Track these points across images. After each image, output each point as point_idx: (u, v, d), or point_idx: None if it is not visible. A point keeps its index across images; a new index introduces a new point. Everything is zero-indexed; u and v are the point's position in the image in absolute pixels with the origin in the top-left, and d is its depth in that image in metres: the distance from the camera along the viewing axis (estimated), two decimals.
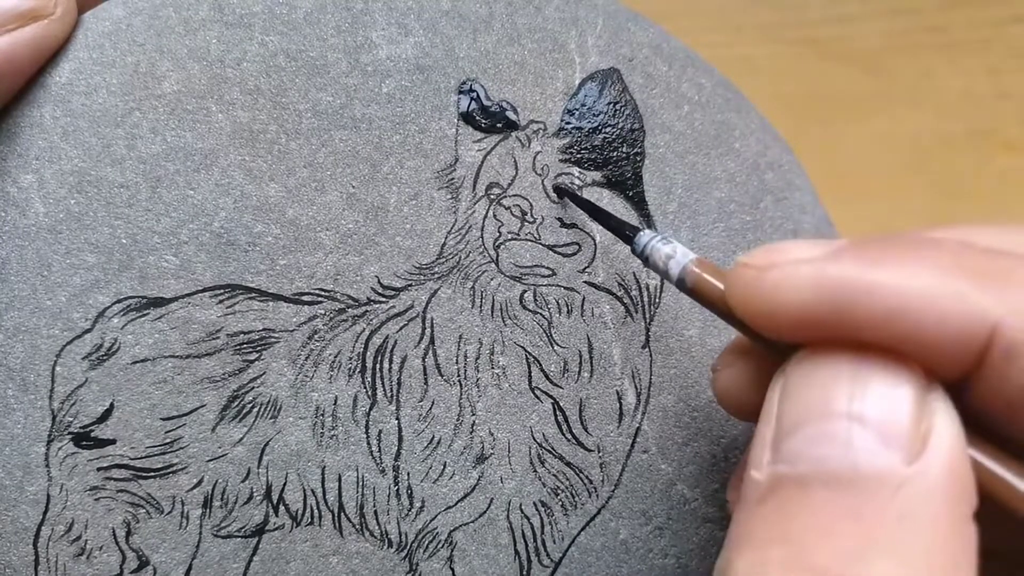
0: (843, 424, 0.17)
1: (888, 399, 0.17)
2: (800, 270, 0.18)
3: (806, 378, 0.18)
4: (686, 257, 0.23)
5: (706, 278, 0.22)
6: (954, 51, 0.51)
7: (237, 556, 0.26)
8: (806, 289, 0.18)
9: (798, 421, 0.18)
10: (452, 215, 0.27)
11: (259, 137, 0.26)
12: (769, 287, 0.19)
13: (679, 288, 0.23)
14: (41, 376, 0.25)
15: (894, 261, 0.18)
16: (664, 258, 0.23)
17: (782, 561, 0.17)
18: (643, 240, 0.24)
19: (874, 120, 0.50)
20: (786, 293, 0.18)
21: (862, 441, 0.17)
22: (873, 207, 0.48)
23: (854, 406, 0.17)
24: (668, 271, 0.23)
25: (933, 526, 0.16)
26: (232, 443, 0.26)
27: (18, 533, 0.25)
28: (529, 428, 0.27)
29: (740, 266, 0.20)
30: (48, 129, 0.26)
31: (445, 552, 0.26)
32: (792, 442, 0.18)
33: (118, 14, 0.27)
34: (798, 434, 0.18)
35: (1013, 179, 0.50)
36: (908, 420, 0.17)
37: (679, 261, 0.23)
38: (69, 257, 0.25)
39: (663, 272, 0.23)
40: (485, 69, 0.28)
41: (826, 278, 0.18)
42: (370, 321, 0.27)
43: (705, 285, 0.22)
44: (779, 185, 0.30)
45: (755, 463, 0.18)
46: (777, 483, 0.18)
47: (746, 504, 0.18)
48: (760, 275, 0.19)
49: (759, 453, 0.19)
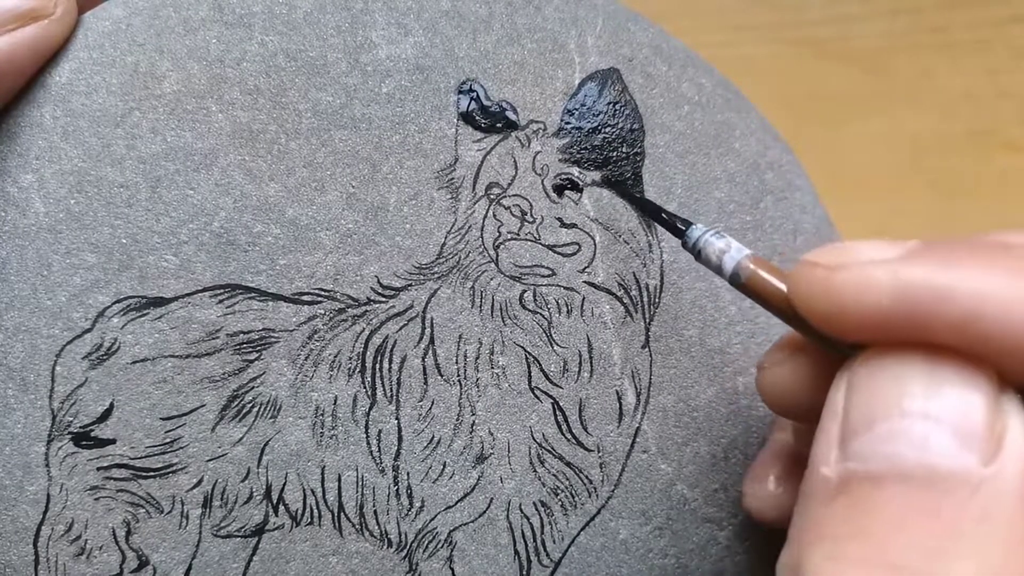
0: (918, 423, 0.17)
1: (963, 399, 0.17)
2: (875, 271, 0.18)
3: (877, 376, 0.18)
4: (740, 252, 0.22)
5: (762, 274, 0.22)
6: (954, 51, 0.51)
7: (237, 556, 0.26)
8: (881, 291, 0.18)
9: (869, 418, 0.18)
10: (452, 215, 0.27)
11: (259, 137, 0.26)
12: (840, 287, 0.18)
13: (732, 284, 0.22)
14: (41, 376, 0.25)
15: (970, 264, 0.17)
16: (718, 252, 0.23)
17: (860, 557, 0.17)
18: (695, 234, 0.24)
19: (874, 120, 0.50)
20: (859, 294, 0.18)
21: (938, 440, 0.17)
22: (873, 207, 0.48)
23: (929, 405, 0.17)
24: (722, 266, 0.23)
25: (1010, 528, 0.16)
26: (232, 443, 0.26)
27: (18, 532, 0.25)
28: (529, 428, 0.27)
29: (807, 265, 0.19)
30: (48, 129, 0.26)
31: (445, 552, 0.26)
32: (864, 439, 0.18)
33: (118, 14, 0.27)
34: (870, 432, 0.18)
35: (1013, 179, 0.50)
36: (983, 421, 0.17)
37: (733, 256, 0.22)
38: (69, 257, 0.25)
39: (716, 267, 0.23)
40: (485, 69, 0.28)
41: (902, 280, 0.18)
42: (370, 321, 0.27)
43: (760, 281, 0.22)
44: (779, 185, 0.30)
45: (822, 459, 0.18)
46: (849, 480, 0.18)
47: (813, 500, 0.18)
48: (830, 275, 0.19)
49: (826, 450, 0.18)
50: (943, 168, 0.50)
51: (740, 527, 0.28)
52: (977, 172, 0.50)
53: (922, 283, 0.17)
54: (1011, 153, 0.50)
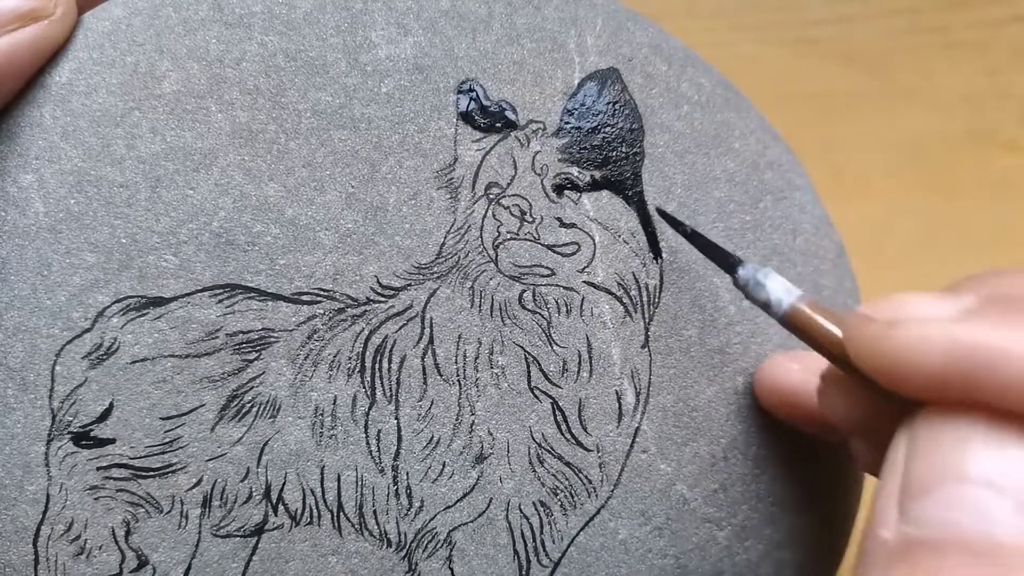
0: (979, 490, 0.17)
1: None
2: (930, 331, 0.18)
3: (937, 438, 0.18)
4: (791, 295, 0.23)
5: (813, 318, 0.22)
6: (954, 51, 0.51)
7: (236, 556, 0.26)
8: (936, 352, 0.17)
9: (929, 483, 0.17)
10: (451, 215, 0.27)
11: (258, 137, 0.26)
12: (895, 345, 0.18)
13: (782, 324, 0.23)
14: (41, 375, 0.25)
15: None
16: (767, 292, 0.23)
17: None
18: (746, 273, 0.24)
19: (874, 120, 0.50)
20: (914, 354, 0.18)
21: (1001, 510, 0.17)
22: (873, 207, 0.48)
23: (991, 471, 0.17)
24: (772, 306, 0.23)
25: None
26: (231, 443, 0.26)
27: (18, 532, 0.25)
28: (528, 428, 0.27)
29: (863, 319, 0.19)
30: (48, 129, 0.26)
31: (444, 552, 0.26)
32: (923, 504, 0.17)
33: (118, 14, 0.27)
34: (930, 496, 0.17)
35: (1013, 179, 0.50)
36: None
37: (785, 299, 0.23)
38: (69, 257, 0.25)
39: (764, 305, 0.23)
40: (484, 69, 0.28)
41: (958, 342, 0.17)
42: (369, 321, 0.27)
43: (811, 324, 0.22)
44: (779, 185, 0.30)
45: (882, 521, 0.18)
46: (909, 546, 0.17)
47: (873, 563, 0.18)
48: (886, 332, 0.18)
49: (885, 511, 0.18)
50: (943, 168, 0.50)
51: (740, 527, 0.28)
52: (977, 172, 0.50)
53: (977, 345, 0.17)
54: (1011, 153, 0.50)
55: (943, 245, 0.48)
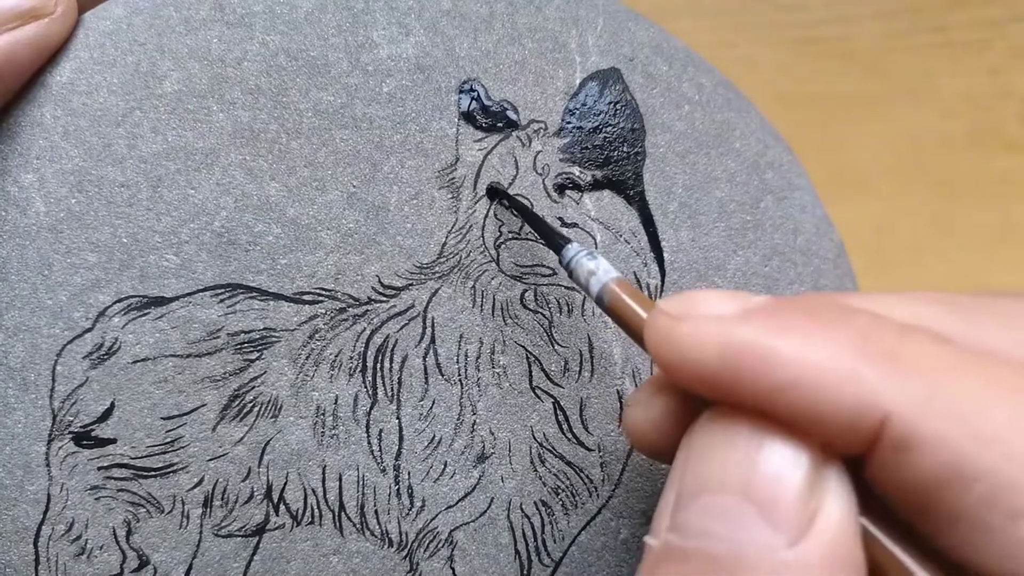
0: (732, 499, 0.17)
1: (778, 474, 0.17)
2: (706, 327, 0.18)
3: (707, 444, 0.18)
4: (607, 275, 0.22)
5: (624, 300, 0.21)
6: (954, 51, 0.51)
7: (238, 555, 0.26)
8: (709, 348, 0.17)
9: (696, 490, 0.17)
10: (453, 214, 0.27)
11: (260, 136, 0.26)
12: (679, 339, 0.18)
13: (598, 305, 0.23)
14: (42, 375, 0.25)
15: (799, 331, 0.17)
16: (586, 273, 0.23)
17: None
18: (569, 253, 0.24)
19: (874, 120, 0.50)
20: (692, 349, 0.18)
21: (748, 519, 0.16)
22: (873, 207, 0.48)
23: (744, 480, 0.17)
24: (588, 287, 0.23)
25: None
26: (233, 442, 0.26)
27: (18, 532, 0.25)
28: (530, 427, 0.27)
29: (658, 312, 0.19)
30: (49, 128, 0.26)
31: (446, 551, 0.26)
32: (687, 512, 0.17)
33: (119, 13, 0.27)
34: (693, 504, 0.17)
35: (1013, 179, 0.50)
36: (795, 498, 0.16)
37: (600, 279, 0.22)
38: (70, 256, 0.25)
39: (584, 287, 0.23)
40: (486, 69, 0.28)
41: (728, 339, 0.17)
42: (371, 320, 0.27)
43: (623, 308, 0.21)
44: (779, 185, 0.30)
45: (654, 528, 0.18)
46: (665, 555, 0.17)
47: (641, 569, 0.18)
48: (674, 325, 0.18)
49: (659, 518, 0.18)
50: (943, 168, 0.50)
51: None
52: (977, 172, 0.50)
53: (745, 344, 0.17)
54: (1011, 153, 0.50)
55: (943, 245, 0.48)
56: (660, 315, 0.19)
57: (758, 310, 0.18)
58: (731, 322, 0.18)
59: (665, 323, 0.19)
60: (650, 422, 0.21)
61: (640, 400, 0.22)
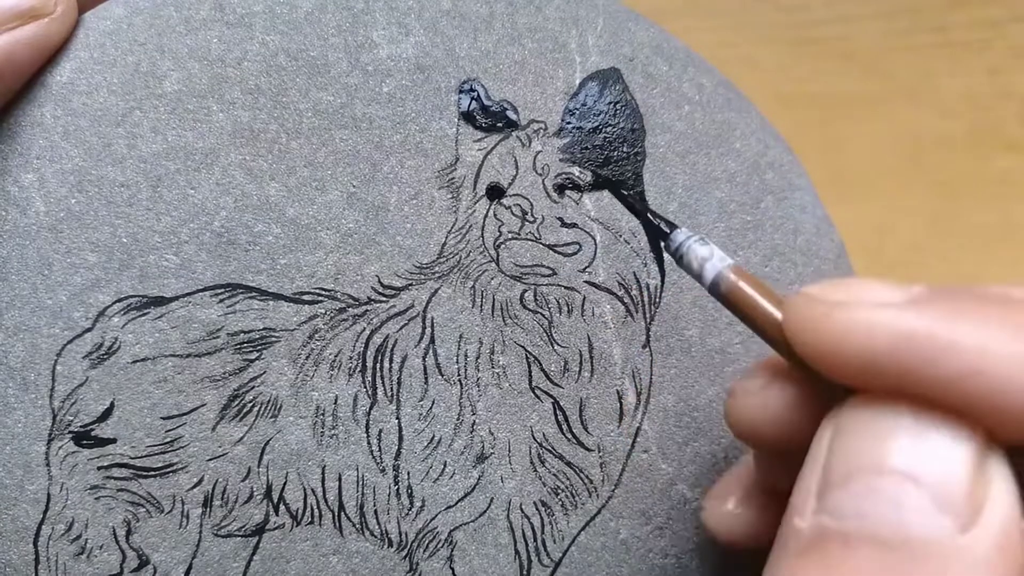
0: (897, 482, 0.17)
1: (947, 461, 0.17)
2: (877, 315, 0.17)
3: (862, 427, 0.18)
4: (723, 262, 0.22)
5: (744, 288, 0.21)
6: (954, 51, 0.51)
7: (237, 555, 0.26)
8: (880, 337, 0.17)
9: (849, 472, 0.17)
10: (452, 214, 0.27)
11: (260, 136, 0.26)
12: (837, 327, 0.18)
13: (711, 293, 0.22)
14: (42, 375, 0.25)
15: (972, 319, 0.17)
16: (699, 260, 0.22)
17: None
18: (679, 238, 0.23)
19: (874, 120, 0.50)
20: (857, 337, 0.17)
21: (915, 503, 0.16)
22: (873, 207, 0.48)
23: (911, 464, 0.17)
24: (702, 274, 0.22)
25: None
26: (232, 442, 0.26)
27: (18, 532, 0.25)
28: (529, 428, 0.27)
29: (806, 298, 0.19)
30: (49, 128, 0.26)
31: (445, 552, 0.26)
32: (840, 494, 0.17)
33: (119, 13, 0.27)
34: (848, 487, 0.17)
35: (1013, 179, 0.50)
36: (965, 485, 0.16)
37: (715, 265, 0.22)
38: (70, 256, 0.25)
39: (696, 274, 0.22)
40: (486, 69, 0.28)
41: (901, 328, 0.17)
42: (370, 320, 0.27)
43: (741, 295, 0.21)
44: (779, 185, 0.30)
45: (798, 509, 0.18)
46: (821, 536, 0.17)
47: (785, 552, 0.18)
48: (829, 312, 0.18)
49: (803, 500, 0.18)
50: (943, 168, 0.50)
51: None
52: (977, 172, 0.50)
53: (924, 333, 0.17)
54: (1011, 153, 0.50)
55: (943, 245, 0.48)
56: (811, 301, 0.18)
57: (925, 299, 0.18)
58: (902, 310, 0.17)
59: (818, 309, 0.18)
60: (769, 411, 0.21)
61: (752, 390, 0.22)
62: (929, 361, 0.17)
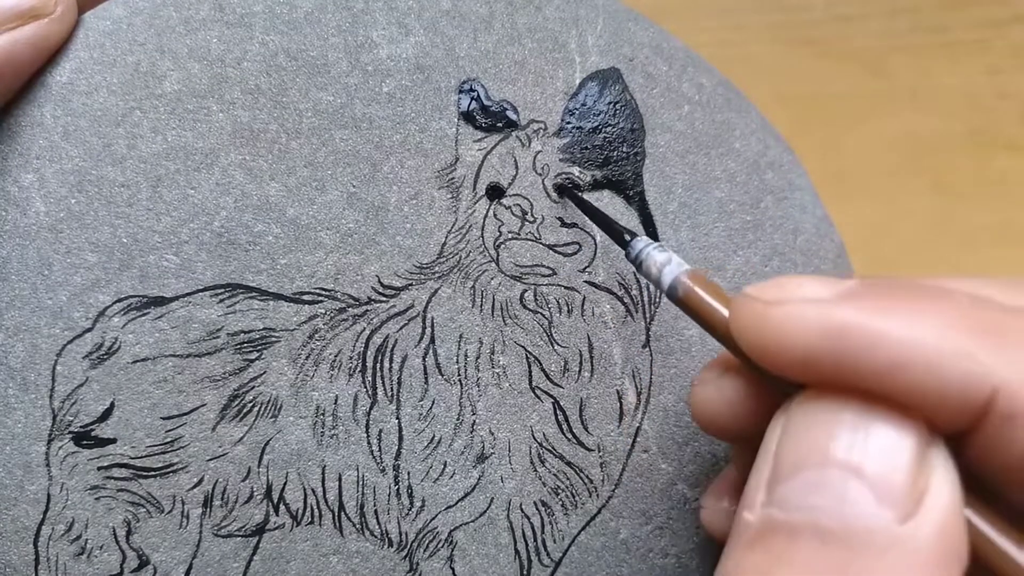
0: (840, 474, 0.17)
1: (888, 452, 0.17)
2: (806, 311, 0.18)
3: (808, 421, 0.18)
4: (680, 267, 0.22)
5: (697, 292, 0.22)
6: (954, 51, 0.51)
7: (237, 555, 0.26)
8: (811, 331, 0.17)
9: (796, 465, 0.18)
10: (452, 214, 0.27)
11: (260, 136, 0.26)
12: (774, 324, 0.18)
13: (669, 298, 0.23)
14: (42, 375, 0.25)
15: (902, 311, 0.17)
16: (657, 266, 0.23)
17: None
18: (638, 245, 0.24)
19: (874, 120, 0.50)
20: (790, 333, 0.18)
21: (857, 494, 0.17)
22: (873, 207, 0.48)
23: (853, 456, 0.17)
24: (660, 279, 0.23)
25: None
26: (232, 442, 0.26)
27: (18, 532, 0.25)
28: (529, 427, 0.27)
29: (746, 297, 0.19)
30: (49, 128, 0.26)
31: (445, 551, 0.26)
32: (787, 487, 0.17)
33: (119, 13, 0.27)
34: (795, 479, 0.17)
35: (1013, 179, 0.50)
36: (905, 476, 0.17)
37: (672, 270, 0.22)
38: (70, 256, 0.25)
39: (655, 280, 0.23)
40: (485, 69, 0.28)
41: (831, 322, 0.17)
42: (370, 320, 0.27)
43: (696, 299, 0.22)
44: (779, 185, 0.30)
45: (748, 502, 0.18)
46: (768, 528, 0.17)
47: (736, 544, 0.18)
48: (766, 310, 0.18)
49: (753, 492, 0.18)
50: (943, 168, 0.50)
51: None
52: (977, 172, 0.50)
53: (851, 326, 0.17)
54: (1011, 153, 0.50)
55: (943, 245, 0.48)
56: (750, 300, 0.19)
57: (856, 293, 0.18)
58: (831, 305, 0.18)
59: (756, 308, 0.19)
60: (723, 402, 0.22)
61: (709, 380, 0.22)
62: (859, 354, 0.17)
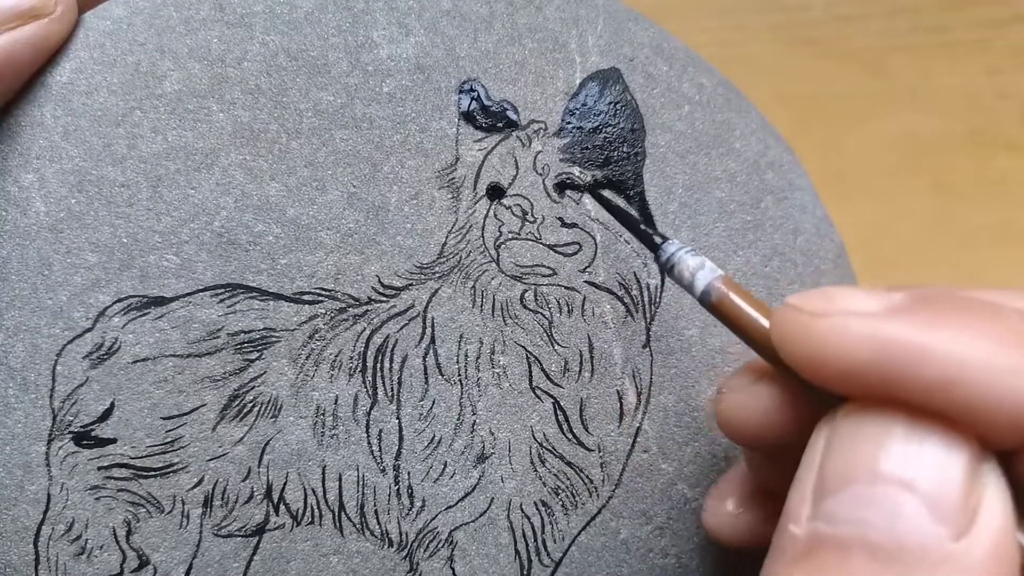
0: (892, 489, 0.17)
1: (941, 467, 0.17)
2: (855, 324, 0.18)
3: (856, 434, 0.18)
4: (713, 272, 0.22)
5: (732, 298, 0.22)
6: (954, 51, 0.51)
7: (237, 555, 0.26)
8: (859, 346, 0.17)
9: (844, 479, 0.17)
10: (453, 215, 0.27)
11: (260, 136, 0.26)
12: (820, 337, 0.18)
13: (701, 303, 0.23)
14: (42, 375, 0.25)
15: (952, 326, 0.17)
16: (690, 271, 0.23)
17: None
18: (670, 249, 0.24)
19: (874, 120, 0.50)
20: (838, 346, 0.18)
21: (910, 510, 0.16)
22: (873, 207, 0.48)
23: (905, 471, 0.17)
24: (693, 284, 0.23)
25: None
26: (233, 442, 0.26)
27: (18, 532, 0.25)
28: (530, 427, 0.27)
29: (790, 308, 0.19)
30: (49, 128, 0.26)
31: (446, 552, 0.26)
32: (836, 500, 0.17)
33: (119, 13, 0.27)
34: (843, 493, 0.17)
35: (1013, 179, 0.50)
36: (959, 492, 0.17)
37: (706, 275, 0.22)
38: (70, 256, 0.25)
39: (687, 284, 0.23)
40: (486, 69, 0.28)
41: (880, 337, 0.17)
42: (371, 320, 0.27)
43: (730, 306, 0.21)
44: (779, 185, 0.30)
45: (793, 515, 0.18)
46: (817, 543, 0.17)
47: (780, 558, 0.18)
48: (812, 322, 0.18)
49: (798, 505, 0.18)
50: (943, 168, 0.50)
51: None
52: (977, 172, 0.50)
53: (901, 341, 0.17)
54: (1011, 153, 0.50)
55: (943, 245, 0.48)
56: (794, 311, 0.19)
57: (904, 307, 0.18)
58: (880, 319, 0.17)
59: (801, 320, 0.19)
60: (756, 409, 0.22)
61: (741, 387, 0.22)
62: (908, 370, 0.17)
